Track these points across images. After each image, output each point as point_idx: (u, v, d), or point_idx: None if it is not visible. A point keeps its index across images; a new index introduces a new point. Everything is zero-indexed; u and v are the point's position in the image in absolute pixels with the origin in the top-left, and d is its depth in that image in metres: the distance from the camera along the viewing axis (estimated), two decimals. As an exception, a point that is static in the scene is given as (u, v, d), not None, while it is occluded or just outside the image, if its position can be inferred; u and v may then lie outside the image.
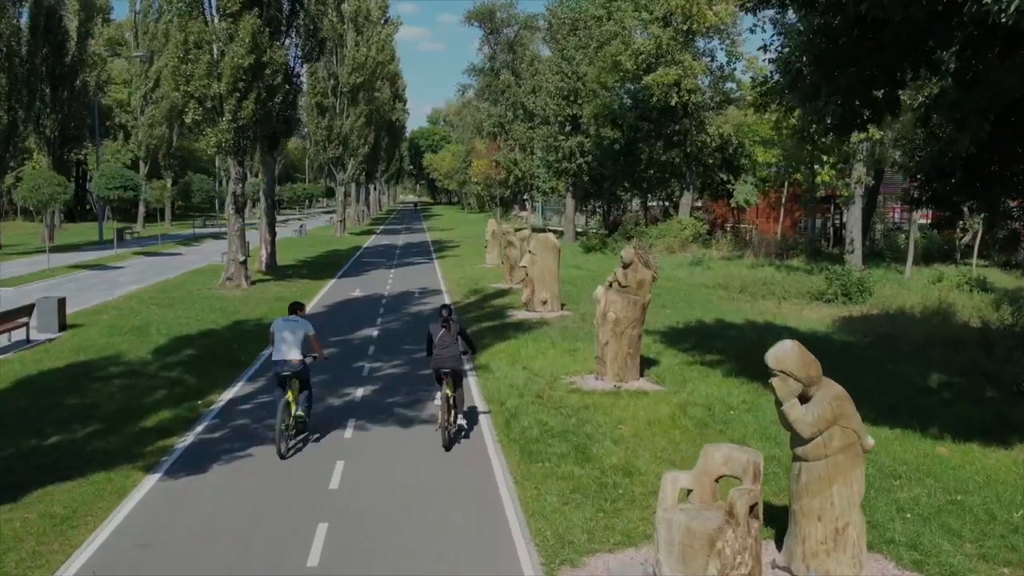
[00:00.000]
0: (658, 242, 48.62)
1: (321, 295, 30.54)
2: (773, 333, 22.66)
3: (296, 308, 13.78)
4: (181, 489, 11.31)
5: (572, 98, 57.46)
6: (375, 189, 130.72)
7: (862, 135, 22.65)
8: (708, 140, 49.18)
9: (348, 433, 13.88)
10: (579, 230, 64.30)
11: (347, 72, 64.51)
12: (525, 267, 25.62)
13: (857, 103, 12.78)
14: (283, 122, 36.88)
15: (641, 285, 16.89)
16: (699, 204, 62.60)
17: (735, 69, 50.79)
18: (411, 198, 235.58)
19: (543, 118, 59.77)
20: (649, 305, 17.58)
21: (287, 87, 32.34)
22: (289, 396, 12.81)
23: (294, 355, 12.85)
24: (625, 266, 16.89)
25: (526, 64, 76.82)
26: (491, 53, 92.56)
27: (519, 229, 67.43)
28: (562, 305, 26.27)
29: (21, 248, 49.54)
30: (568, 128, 57.97)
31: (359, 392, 16.59)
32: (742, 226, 57.58)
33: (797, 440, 8.41)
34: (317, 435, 13.68)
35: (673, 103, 46.99)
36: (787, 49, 14.07)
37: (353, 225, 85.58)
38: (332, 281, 35.13)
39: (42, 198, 35.93)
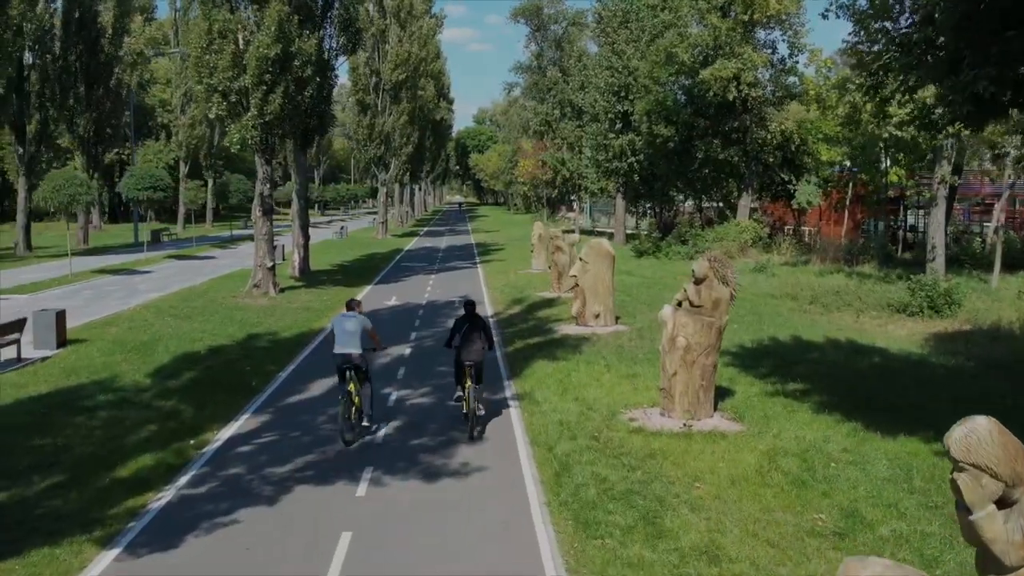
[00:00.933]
0: (715, 246, 45.62)
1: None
2: (862, 354, 19.78)
3: (353, 304, 14.03)
4: (139, 574, 8.87)
5: (623, 94, 54.67)
6: (420, 189, 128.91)
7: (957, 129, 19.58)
8: (768, 137, 46.09)
9: (361, 490, 11.30)
10: (629, 232, 61.44)
11: (389, 68, 62.32)
12: (575, 276, 22.97)
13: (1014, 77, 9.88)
14: (317, 118, 34.70)
15: (717, 305, 14.15)
16: (754, 206, 59.56)
17: (797, 62, 47.66)
18: (457, 198, 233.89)
19: (592, 115, 57.03)
20: (726, 328, 14.79)
21: (318, 80, 30.03)
22: (351, 387, 13.20)
23: (353, 348, 13.27)
24: (697, 282, 14.18)
25: (574, 60, 74.10)
26: (538, 51, 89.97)
27: (567, 231, 64.70)
28: (616, 318, 23.59)
29: (55, 250, 48.06)
30: (618, 125, 55.19)
31: (381, 431, 14.04)
32: (803, 229, 54.31)
33: (994, 565, 5.66)
34: (325, 487, 11.21)
35: (731, 98, 44.00)
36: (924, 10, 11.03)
37: (396, 226, 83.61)
38: (367, 288, 32.76)
39: (63, 199, 34.01)
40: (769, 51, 47.03)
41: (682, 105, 48.60)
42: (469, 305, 14.46)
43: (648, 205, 69.95)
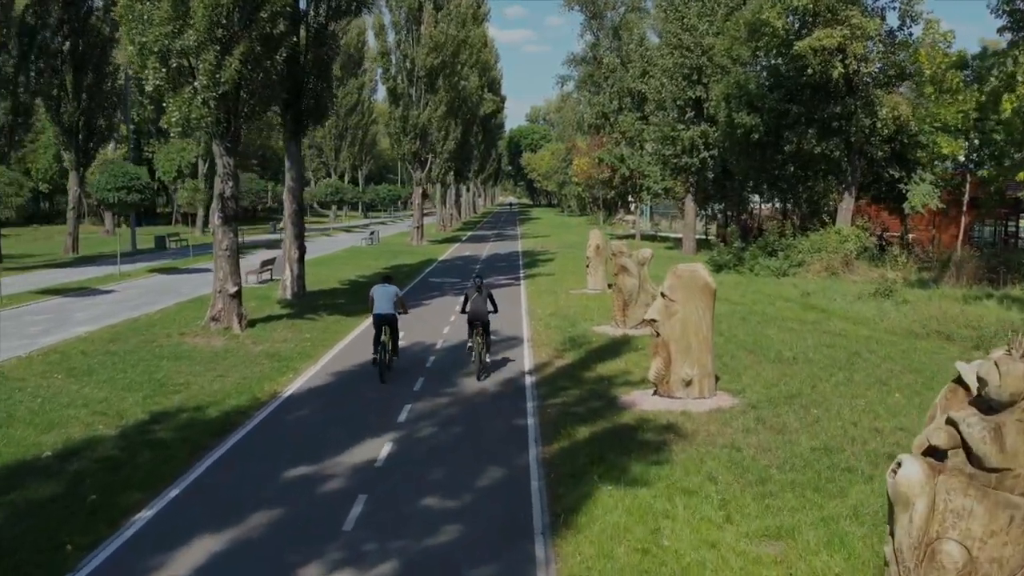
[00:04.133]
0: (812, 258, 37.24)
1: (334, 353, 20.19)
2: None
3: (387, 279, 18.41)
4: None
5: (695, 77, 46.41)
6: (468, 190, 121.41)
7: None
8: (879, 125, 37.46)
9: None
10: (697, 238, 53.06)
11: (423, 53, 54.75)
12: (655, 322, 14.98)
13: None
14: (312, 98, 27.19)
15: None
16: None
17: (910, 34, 38.90)
18: (509, 199, 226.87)
19: (657, 103, 48.78)
20: None
21: (296, 41, 22.49)
22: (385, 339, 17.03)
23: (387, 309, 17.23)
24: (989, 405, 6.10)
25: (634, 45, 65.88)
26: (593, 40, 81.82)
27: (623, 237, 56.37)
28: (715, 378, 15.56)
29: (29, 261, 41.35)
30: (689, 114, 46.91)
31: None
32: (909, 236, 45.44)
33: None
34: None
35: (836, 76, 35.54)
36: None
37: (438, 231, 76.15)
38: (370, 319, 25.02)
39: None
40: (878, 19, 38.43)
41: (768, 88, 40.20)
42: (477, 279, 17.67)
43: (719, 208, 61.48)
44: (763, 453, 12.12)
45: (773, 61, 41.29)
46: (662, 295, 14.88)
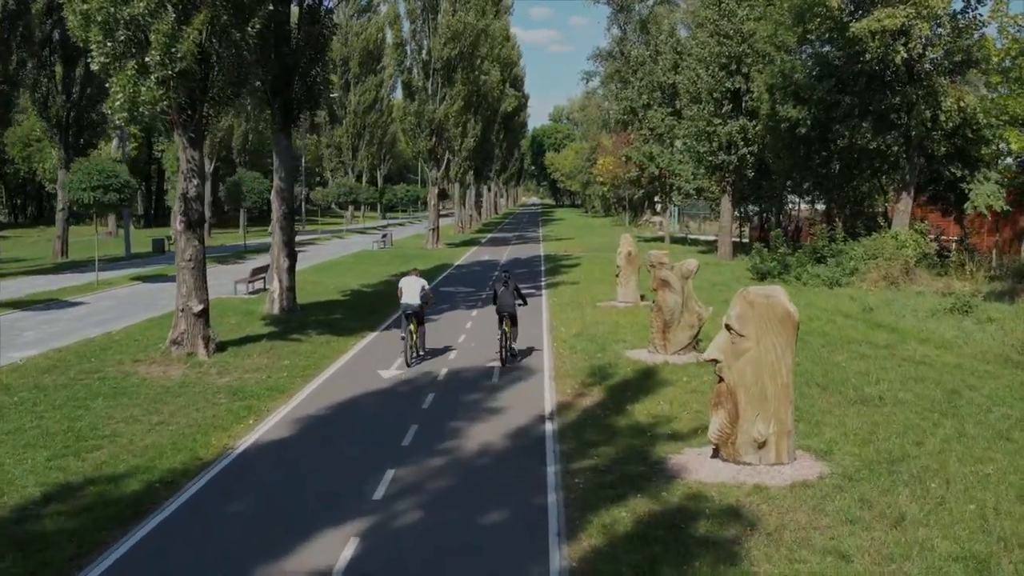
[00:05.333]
0: (867, 266, 33.35)
1: (314, 387, 16.49)
2: None
3: (414, 271, 19.04)
4: None
5: (734, 67, 42.55)
6: (489, 190, 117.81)
7: None
8: (943, 118, 33.51)
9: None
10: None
11: (440, 43, 51.22)
12: (717, 363, 11.29)
13: None
14: (304, 85, 23.75)
15: None
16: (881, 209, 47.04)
17: (979, 14, 34.86)
18: (532, 199, 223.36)
19: (692, 95, 44.92)
20: None
21: (284, 17, 19.00)
22: (412, 327, 18.17)
23: (413, 300, 18.12)
24: None
25: (664, 37, 62.08)
26: (620, 35, 78.07)
27: (652, 240, 52.64)
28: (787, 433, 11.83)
29: (28, 265, 38.33)
30: (727, 107, 43.07)
31: None
32: (969, 241, 41.29)
33: None
34: None
35: (899, 61, 31.66)
36: None
37: (456, 233, 72.65)
38: (365, 340, 21.47)
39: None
40: None
41: (816, 78, 36.32)
42: (504, 273, 19.70)
43: (754, 209, 57.57)
44: (884, 565, 8.44)
45: (822, 48, 37.43)
46: (727, 328, 11.20)
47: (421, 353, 18.81)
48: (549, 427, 13.60)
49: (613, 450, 12.35)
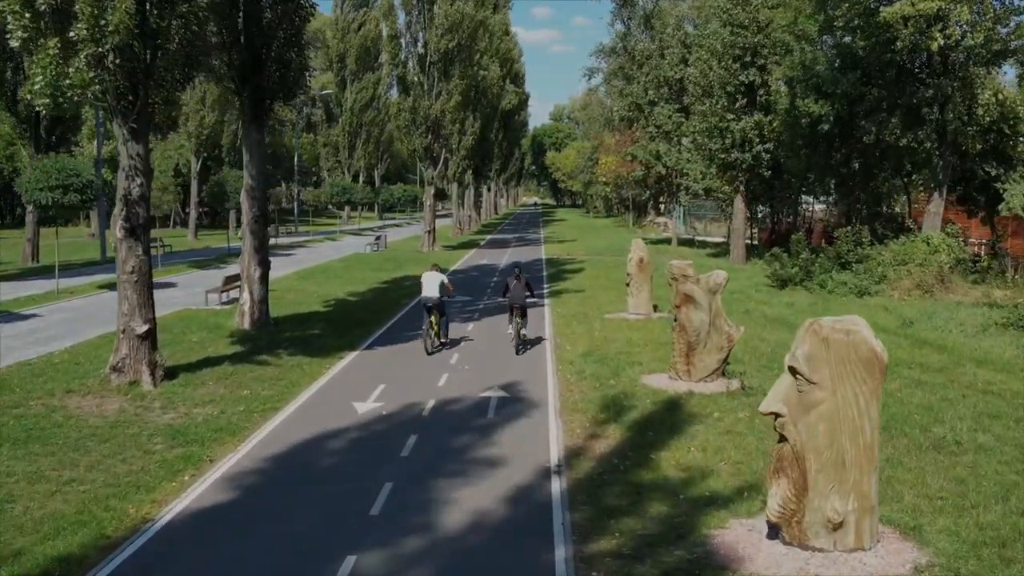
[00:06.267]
0: (897, 273, 30.65)
1: (274, 425, 13.78)
2: None
3: (434, 266, 20.32)
4: None
5: (748, 59, 39.83)
6: (489, 190, 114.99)
7: None
8: (980, 112, 30.83)
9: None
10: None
11: (437, 35, 48.53)
12: (778, 417, 8.59)
13: None
14: (277, 71, 21.12)
15: None
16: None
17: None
18: (532, 200, 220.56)
19: (704, 89, 42.16)
20: None
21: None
22: (432, 319, 19.56)
23: (433, 293, 19.50)
24: None
25: (671, 30, 59.36)
26: (623, 30, 75.22)
27: (658, 241, 49.91)
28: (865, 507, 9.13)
29: (1, 268, 35.67)
30: (741, 102, 40.35)
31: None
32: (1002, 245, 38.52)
33: None
34: None
35: (934, 48, 28.98)
36: None
37: (455, 235, 69.93)
38: (343, 362, 18.76)
39: None
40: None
41: (840, 70, 33.61)
42: (516, 268, 20.90)
43: (764, 209, 54.76)
44: None
45: (847, 37, 34.71)
46: (792, 372, 8.50)
47: (443, 340, 20.35)
48: (557, 486, 10.91)
49: (639, 523, 9.66)
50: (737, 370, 17.16)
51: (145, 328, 15.52)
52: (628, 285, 25.45)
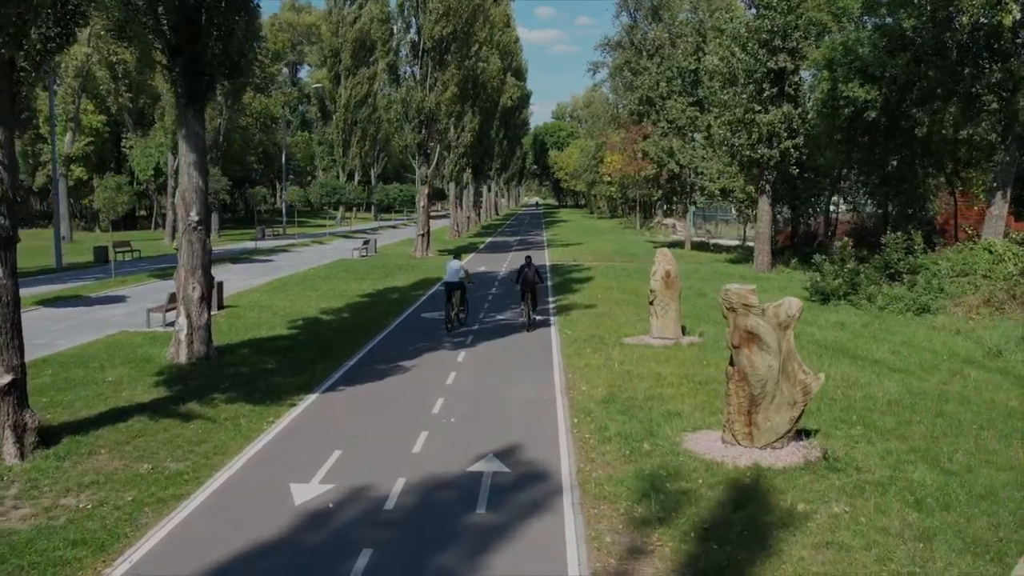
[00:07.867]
0: (959, 287, 26.39)
1: (159, 537, 9.53)
2: None
3: (456, 255, 23.81)
4: None
5: (777, 43, 35.58)
6: (488, 190, 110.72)
7: None
8: (1056, 99, 26.63)
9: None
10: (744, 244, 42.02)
11: (432, 20, 44.30)
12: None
13: None
14: (217, 45, 16.92)
15: None
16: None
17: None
18: (534, 200, 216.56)
19: (727, 77, 37.88)
20: None
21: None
22: (454, 301, 22.02)
23: (453, 278, 22.05)
24: None
25: (684, 16, 55.16)
26: (630, 23, 70.92)
27: (670, 245, 45.99)
28: None
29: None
30: (768, 92, 36.11)
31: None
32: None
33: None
34: None
35: (1008, 23, 24.76)
36: None
37: (451, 237, 65.70)
38: (294, 412, 14.42)
39: None
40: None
41: (888, 52, 29.38)
42: (527, 258, 23.02)
43: (788, 210, 50.46)
44: None
45: (894, 15, 30.49)
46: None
47: (462, 317, 22.94)
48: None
49: None
50: (808, 425, 12.95)
51: (8, 379, 11.29)
52: (652, 303, 21.19)
